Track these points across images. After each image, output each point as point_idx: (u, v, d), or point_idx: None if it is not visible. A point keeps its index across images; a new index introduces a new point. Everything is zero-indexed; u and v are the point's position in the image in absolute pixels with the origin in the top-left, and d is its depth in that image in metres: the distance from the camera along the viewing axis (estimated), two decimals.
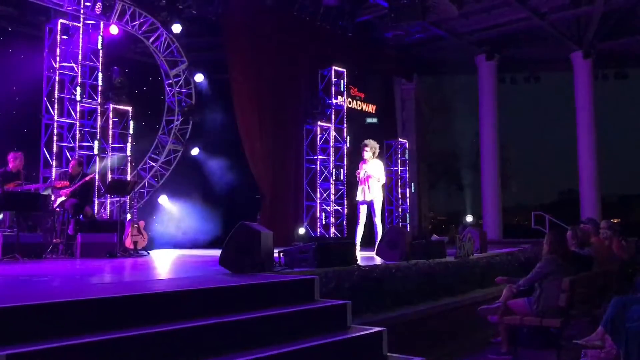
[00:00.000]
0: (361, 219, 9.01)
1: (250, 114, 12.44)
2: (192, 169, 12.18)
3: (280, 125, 13.20)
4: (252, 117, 12.49)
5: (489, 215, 17.73)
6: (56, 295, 3.37)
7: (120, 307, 3.28)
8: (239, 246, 5.13)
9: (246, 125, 12.29)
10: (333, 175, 13.53)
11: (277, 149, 13.06)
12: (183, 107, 11.82)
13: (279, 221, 12.58)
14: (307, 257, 5.80)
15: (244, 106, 12.29)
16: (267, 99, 12.89)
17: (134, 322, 3.24)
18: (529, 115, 37.88)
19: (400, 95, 18.13)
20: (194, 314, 3.53)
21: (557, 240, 5.59)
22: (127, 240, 8.70)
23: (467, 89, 21.77)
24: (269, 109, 12.94)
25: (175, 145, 11.93)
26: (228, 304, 3.82)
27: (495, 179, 17.77)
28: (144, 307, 3.38)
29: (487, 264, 8.08)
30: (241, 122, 12.17)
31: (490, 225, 17.30)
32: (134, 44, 11.97)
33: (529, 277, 5.55)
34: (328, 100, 13.66)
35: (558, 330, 5.23)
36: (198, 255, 8.90)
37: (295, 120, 13.63)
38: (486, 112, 17.95)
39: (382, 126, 16.30)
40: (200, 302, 3.69)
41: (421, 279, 6.33)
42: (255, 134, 12.53)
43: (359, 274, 5.58)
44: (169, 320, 3.37)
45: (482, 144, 18.12)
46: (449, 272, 6.96)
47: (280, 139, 13.14)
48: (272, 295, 4.20)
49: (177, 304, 3.56)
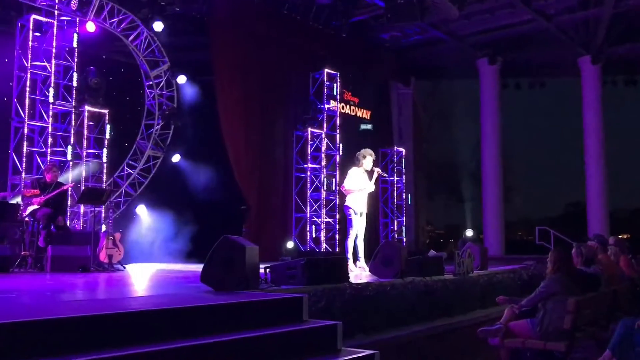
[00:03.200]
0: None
1: (236, 118, 12.46)
2: (173, 177, 12.14)
3: (268, 131, 13.22)
4: (238, 122, 12.50)
5: (491, 229, 17.81)
6: (24, 313, 3.35)
7: (94, 327, 3.26)
8: (222, 261, 5.13)
9: (231, 130, 12.30)
10: (324, 184, 13.56)
11: (264, 156, 13.06)
12: (164, 111, 11.80)
13: (265, 234, 12.56)
14: (295, 274, 5.80)
15: (229, 110, 12.30)
16: (254, 103, 12.91)
17: (108, 343, 3.22)
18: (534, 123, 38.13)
19: (396, 100, 18.22)
20: (173, 334, 3.51)
21: (562, 258, 5.62)
22: (101, 254, 8.65)
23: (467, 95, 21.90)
24: (257, 114, 12.96)
25: (155, 152, 11.90)
26: (210, 324, 3.81)
27: (497, 190, 17.86)
28: (119, 327, 3.36)
29: (488, 283, 8.11)
30: (226, 128, 12.17)
31: (491, 241, 17.37)
32: (112, 42, 11.96)
33: (532, 296, 5.57)
34: (320, 105, 13.71)
35: (563, 354, 5.25)
36: (178, 270, 8.87)
37: (284, 126, 13.65)
38: (488, 119, 18.08)
39: (378, 133, 16.36)
40: (180, 322, 3.67)
41: (417, 298, 6.34)
42: (241, 140, 12.53)
43: (350, 292, 5.58)
44: (146, 342, 3.35)
45: (483, 153, 18.23)
46: (447, 291, 6.98)
47: (268, 146, 13.16)
48: (257, 315, 4.19)
49: (155, 324, 3.55)
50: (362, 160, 9.08)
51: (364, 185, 9.01)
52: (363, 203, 9.04)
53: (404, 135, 18.22)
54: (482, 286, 7.84)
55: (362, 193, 8.99)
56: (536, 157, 38.07)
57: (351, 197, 8.96)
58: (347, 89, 15.21)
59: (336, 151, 13.91)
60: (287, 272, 5.85)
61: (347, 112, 15.25)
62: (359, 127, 15.80)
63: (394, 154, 16.01)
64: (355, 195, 8.93)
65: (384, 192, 16.04)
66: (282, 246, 12.93)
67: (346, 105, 15.26)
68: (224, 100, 12.22)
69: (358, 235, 8.98)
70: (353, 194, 8.92)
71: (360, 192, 8.94)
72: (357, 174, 9.05)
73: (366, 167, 9.09)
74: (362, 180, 9.04)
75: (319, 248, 13.27)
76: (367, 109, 16.07)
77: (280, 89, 13.59)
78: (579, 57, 17.63)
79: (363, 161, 9.08)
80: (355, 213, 8.93)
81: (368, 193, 9.16)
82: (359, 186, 8.95)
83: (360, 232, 9.00)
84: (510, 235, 21.92)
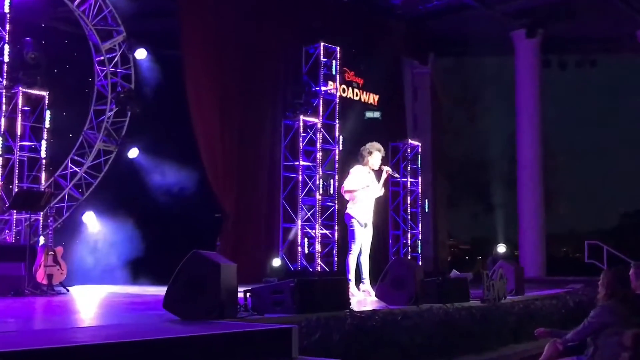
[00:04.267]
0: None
1: (210, 103, 12.44)
2: (130, 177, 12.13)
3: (249, 120, 13.22)
4: (212, 108, 12.49)
5: (528, 244, 17.84)
6: None
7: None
8: (191, 283, 5.13)
9: (204, 119, 12.28)
10: (320, 187, 13.56)
11: (245, 151, 13.06)
12: (118, 93, 11.79)
13: (245, 249, 12.55)
14: (282, 299, 5.80)
15: (201, 93, 12.28)
16: (232, 84, 12.91)
17: None
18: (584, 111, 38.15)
19: (411, 82, 18.26)
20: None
21: (617, 280, 5.62)
22: (39, 273, 8.62)
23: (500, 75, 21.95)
24: (235, 98, 12.95)
25: (107, 145, 11.89)
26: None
27: (536, 195, 17.90)
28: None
29: (524, 311, 8.12)
30: (197, 115, 12.15)
31: (529, 258, 17.42)
32: (53, 8, 11.93)
33: (579, 329, 5.58)
34: (315, 87, 13.72)
35: None
36: (135, 294, 8.84)
37: (270, 114, 13.66)
38: (525, 106, 18.12)
39: (387, 123, 16.39)
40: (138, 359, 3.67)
41: (435, 330, 6.35)
42: (216, 130, 12.53)
43: (352, 322, 5.59)
44: None
45: (519, 148, 18.27)
46: (473, 321, 6.99)
47: (249, 138, 13.16)
48: (235, 351, 4.19)
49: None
50: (367, 157, 9.07)
51: (369, 186, 9.02)
52: (369, 210, 9.05)
53: (420, 125, 18.25)
54: (517, 315, 7.85)
55: (368, 197, 9.00)
56: (586, 155, 38.07)
57: (354, 204, 8.96)
58: (349, 67, 15.24)
59: (335, 145, 13.93)
60: (272, 297, 5.85)
61: (348, 96, 15.27)
62: (363, 116, 15.82)
63: (408, 148, 16.03)
64: (359, 201, 8.93)
65: (394, 197, 16.07)
66: (266, 264, 12.93)
67: (348, 87, 15.27)
68: (194, 80, 12.20)
69: (362, 251, 8.99)
70: (356, 198, 8.92)
71: (364, 194, 8.94)
72: (362, 174, 9.05)
73: (373, 166, 9.09)
74: (368, 182, 9.05)
75: (312, 267, 13.28)
76: (375, 93, 16.09)
77: (265, 67, 13.59)
78: (638, 29, 17.67)
79: (369, 158, 9.07)
80: (360, 224, 8.94)
81: (375, 198, 9.17)
82: (362, 184, 8.95)
83: (365, 247, 9.01)
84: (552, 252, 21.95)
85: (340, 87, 14.53)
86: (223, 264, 5.20)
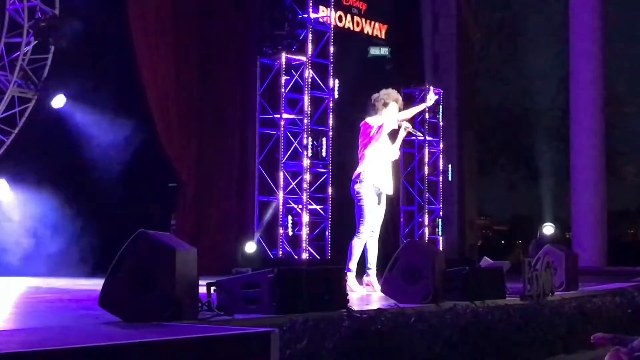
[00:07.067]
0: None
1: (160, 36, 12.39)
2: (55, 135, 12.11)
3: (214, 57, 13.21)
4: (164, 44, 12.44)
5: (584, 224, 17.97)
6: None
7: None
8: (137, 274, 5.13)
9: (152, 58, 12.26)
10: (309, 148, 13.55)
11: (207, 101, 13.05)
12: (38, 21, 11.72)
13: (209, 230, 12.62)
14: (258, 295, 5.82)
15: (148, 22, 12.24)
16: (190, 11, 12.87)
17: None
18: None
19: (430, 7, 18.20)
20: None
21: None
22: None
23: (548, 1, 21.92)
24: (195, 28, 12.92)
25: (24, 91, 11.84)
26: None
27: (596, 160, 17.98)
28: None
29: (578, 311, 8.18)
30: (143, 52, 12.12)
31: (584, 243, 17.55)
32: None
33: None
34: (302, 14, 13.63)
35: None
36: (63, 288, 8.86)
37: (242, 50, 13.62)
38: (582, 38, 18.10)
39: (398, 62, 16.37)
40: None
41: (460, 336, 6.40)
42: (169, 72, 12.51)
43: (350, 325, 5.62)
44: None
45: (572, 96, 18.30)
46: (510, 325, 7.05)
47: (214, 84, 13.15)
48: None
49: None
50: (382, 110, 9.11)
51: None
52: (387, 178, 9.11)
53: (442, 66, 18.25)
54: (568, 317, 7.92)
55: (384, 159, 9.08)
56: None
57: (368, 167, 8.98)
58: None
59: (329, 93, 13.89)
60: (245, 293, 5.86)
61: (347, 25, 15.22)
62: (367, 53, 15.79)
63: (426, 97, 16.01)
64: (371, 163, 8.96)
65: (407, 161, 16.05)
66: (237, 250, 12.98)
67: (346, 14, 15.22)
68: (140, 5, 12.14)
69: (372, 234, 9.04)
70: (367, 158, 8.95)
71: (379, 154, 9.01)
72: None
73: (388, 120, 9.09)
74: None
75: (298, 254, 13.32)
76: (382, 22, 16.04)
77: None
78: None
79: (384, 110, 9.10)
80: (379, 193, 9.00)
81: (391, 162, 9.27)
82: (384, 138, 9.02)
83: (375, 227, 9.07)
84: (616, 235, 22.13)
85: (336, 13, 14.48)
86: (179, 249, 5.20)
